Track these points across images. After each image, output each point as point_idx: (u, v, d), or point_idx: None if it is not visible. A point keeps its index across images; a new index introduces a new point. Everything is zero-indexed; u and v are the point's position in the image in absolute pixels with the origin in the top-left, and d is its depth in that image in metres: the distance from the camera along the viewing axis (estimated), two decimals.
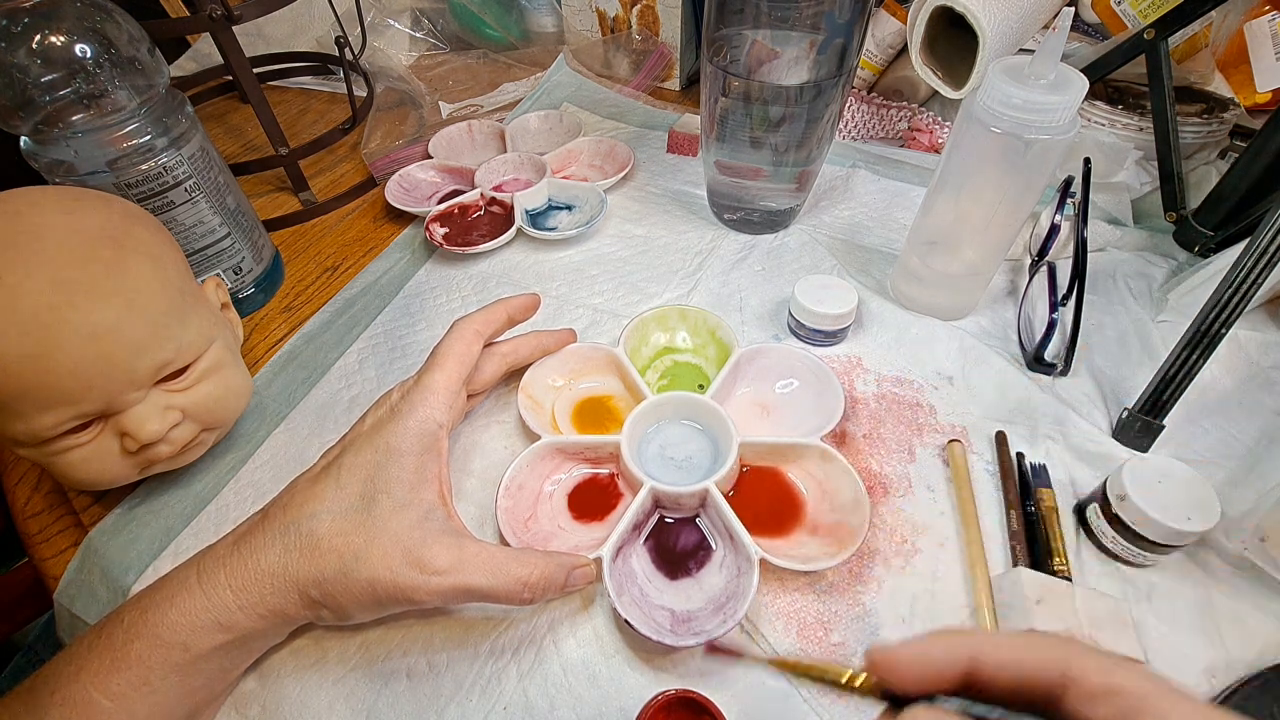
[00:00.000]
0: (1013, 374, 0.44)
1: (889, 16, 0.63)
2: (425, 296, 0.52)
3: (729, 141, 0.49)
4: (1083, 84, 0.35)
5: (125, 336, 0.32)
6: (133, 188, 0.42)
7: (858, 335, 0.47)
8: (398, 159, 0.63)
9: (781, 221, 0.55)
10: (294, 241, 0.58)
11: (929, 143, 0.62)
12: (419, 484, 0.32)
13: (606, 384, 0.44)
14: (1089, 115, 0.56)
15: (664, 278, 0.52)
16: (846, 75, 0.45)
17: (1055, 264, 0.47)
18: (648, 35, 0.74)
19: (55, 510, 0.41)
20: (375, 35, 0.78)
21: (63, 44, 0.38)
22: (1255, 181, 0.47)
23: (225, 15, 0.49)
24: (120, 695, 0.27)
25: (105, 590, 0.36)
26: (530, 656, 0.33)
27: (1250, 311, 0.39)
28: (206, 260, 0.48)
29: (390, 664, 0.33)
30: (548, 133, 0.66)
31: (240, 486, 0.40)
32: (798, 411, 0.41)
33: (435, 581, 0.30)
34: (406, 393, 0.35)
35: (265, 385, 0.46)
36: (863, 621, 0.34)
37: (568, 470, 0.40)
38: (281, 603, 0.30)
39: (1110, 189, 0.53)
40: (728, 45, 0.46)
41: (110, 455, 0.35)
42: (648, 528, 0.37)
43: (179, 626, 0.28)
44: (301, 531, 0.30)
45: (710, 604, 0.34)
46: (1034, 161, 0.38)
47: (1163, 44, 0.49)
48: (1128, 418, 0.40)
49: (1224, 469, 0.39)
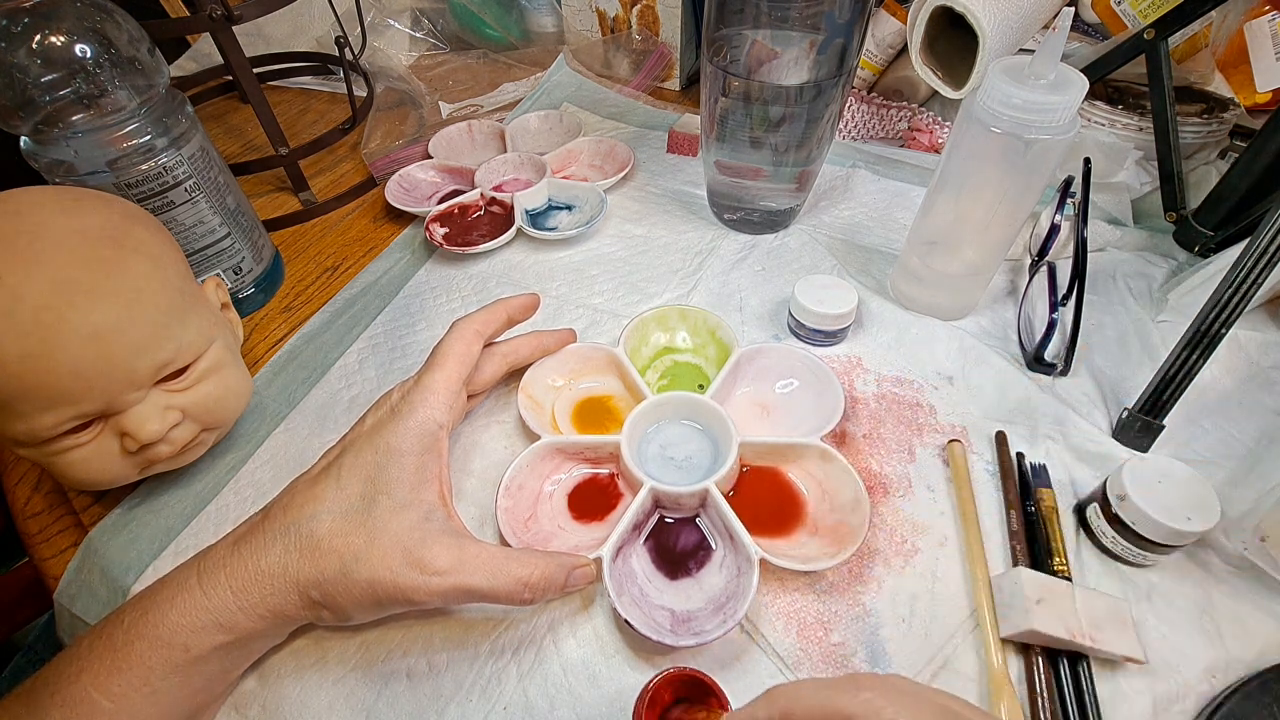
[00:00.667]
0: (1013, 374, 0.44)
1: (889, 16, 0.63)
2: (425, 296, 0.52)
3: (729, 141, 0.49)
4: (1083, 84, 0.35)
5: (125, 336, 0.32)
6: (133, 188, 0.42)
7: (858, 335, 0.47)
8: (398, 159, 0.63)
9: (781, 221, 0.55)
10: (294, 241, 0.58)
11: (929, 143, 0.62)
12: (419, 484, 0.32)
13: (607, 384, 0.44)
14: (1089, 115, 0.56)
15: (664, 278, 0.52)
16: (846, 75, 0.45)
17: (1055, 264, 0.47)
18: (648, 35, 0.74)
19: (55, 510, 0.41)
20: (375, 35, 0.78)
21: (63, 44, 0.38)
22: (1255, 181, 0.47)
23: (225, 15, 0.49)
24: (121, 696, 0.27)
25: (105, 590, 0.36)
26: (530, 656, 0.33)
27: (1250, 311, 0.39)
28: (206, 260, 0.48)
29: (390, 664, 0.33)
30: (548, 133, 0.66)
31: (240, 486, 0.40)
32: (798, 412, 0.41)
33: (435, 582, 0.30)
34: (407, 393, 0.35)
35: (265, 385, 0.46)
36: (863, 621, 0.34)
37: (568, 470, 0.40)
38: (282, 603, 0.30)
39: (1110, 189, 0.53)
40: (728, 45, 0.46)
41: (110, 455, 0.35)
42: (648, 528, 0.37)
43: (179, 627, 0.28)
44: (302, 532, 0.30)
45: (710, 604, 0.34)
46: (1034, 161, 0.38)
47: (1163, 44, 0.49)
48: (1128, 418, 0.40)
49: (1224, 469, 0.39)
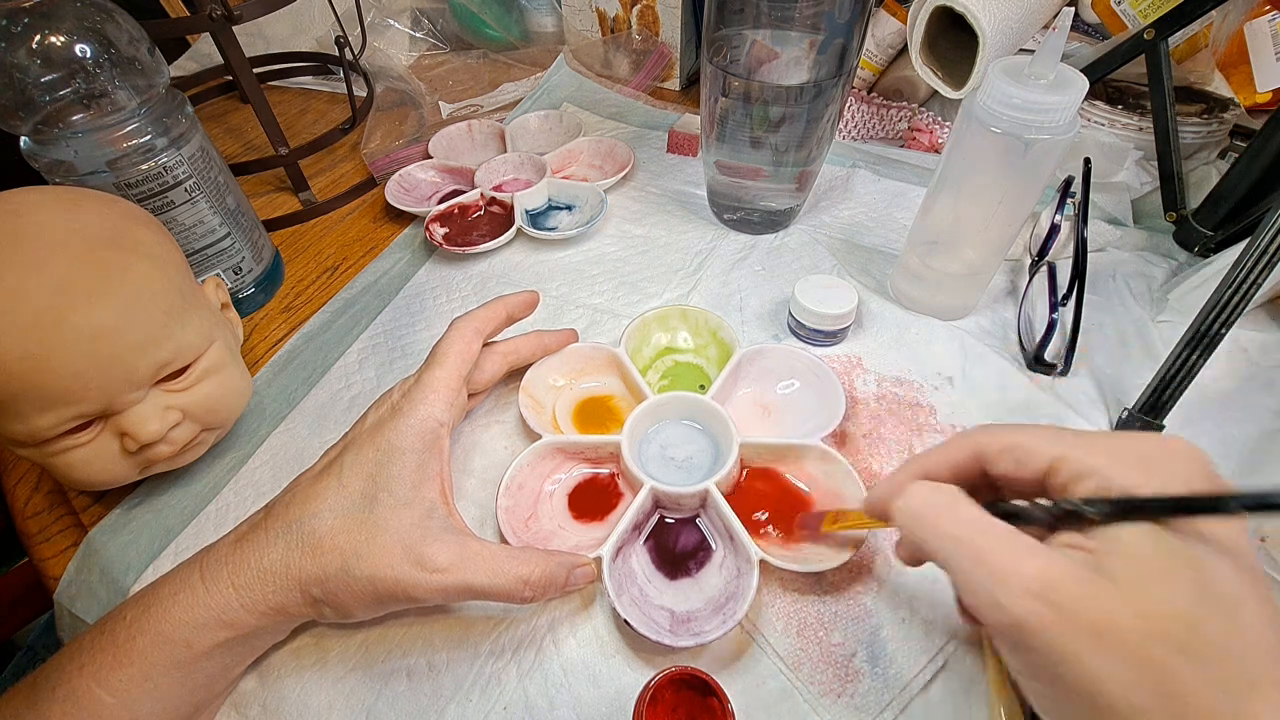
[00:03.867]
0: (1013, 374, 0.44)
1: (889, 16, 0.63)
2: (425, 296, 0.52)
3: (729, 141, 0.49)
4: (1083, 84, 0.35)
5: (125, 337, 0.33)
6: (133, 188, 0.42)
7: (858, 335, 0.47)
8: (398, 159, 0.63)
9: (781, 221, 0.55)
10: (294, 241, 0.58)
11: (929, 143, 0.62)
12: (420, 482, 0.32)
13: (607, 384, 0.44)
14: (1089, 115, 0.56)
15: (664, 278, 0.52)
16: (846, 75, 0.45)
17: (1055, 264, 0.47)
18: (648, 35, 0.74)
19: (55, 510, 0.41)
20: (375, 35, 0.78)
21: (63, 44, 0.38)
22: (1255, 181, 0.47)
23: (225, 15, 0.49)
24: (122, 691, 0.27)
25: (105, 590, 0.37)
26: (530, 656, 0.33)
27: (1250, 311, 0.39)
28: (206, 260, 0.48)
29: (390, 664, 0.33)
30: (548, 133, 0.66)
31: (240, 486, 0.40)
32: (799, 412, 0.41)
33: (436, 579, 0.30)
34: (407, 391, 0.35)
35: (265, 385, 0.46)
36: (863, 622, 0.34)
37: (568, 470, 0.40)
38: (284, 601, 0.30)
39: (1110, 189, 0.53)
40: (728, 45, 0.46)
41: (110, 455, 0.35)
42: (648, 528, 0.37)
43: (182, 623, 0.28)
44: (304, 530, 0.30)
45: (710, 604, 0.34)
46: (1034, 161, 0.38)
47: (1163, 44, 0.49)
48: (1128, 418, 0.40)
49: (1224, 469, 0.39)
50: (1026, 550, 0.22)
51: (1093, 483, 0.22)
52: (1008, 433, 0.25)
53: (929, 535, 0.24)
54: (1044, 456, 0.24)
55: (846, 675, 0.32)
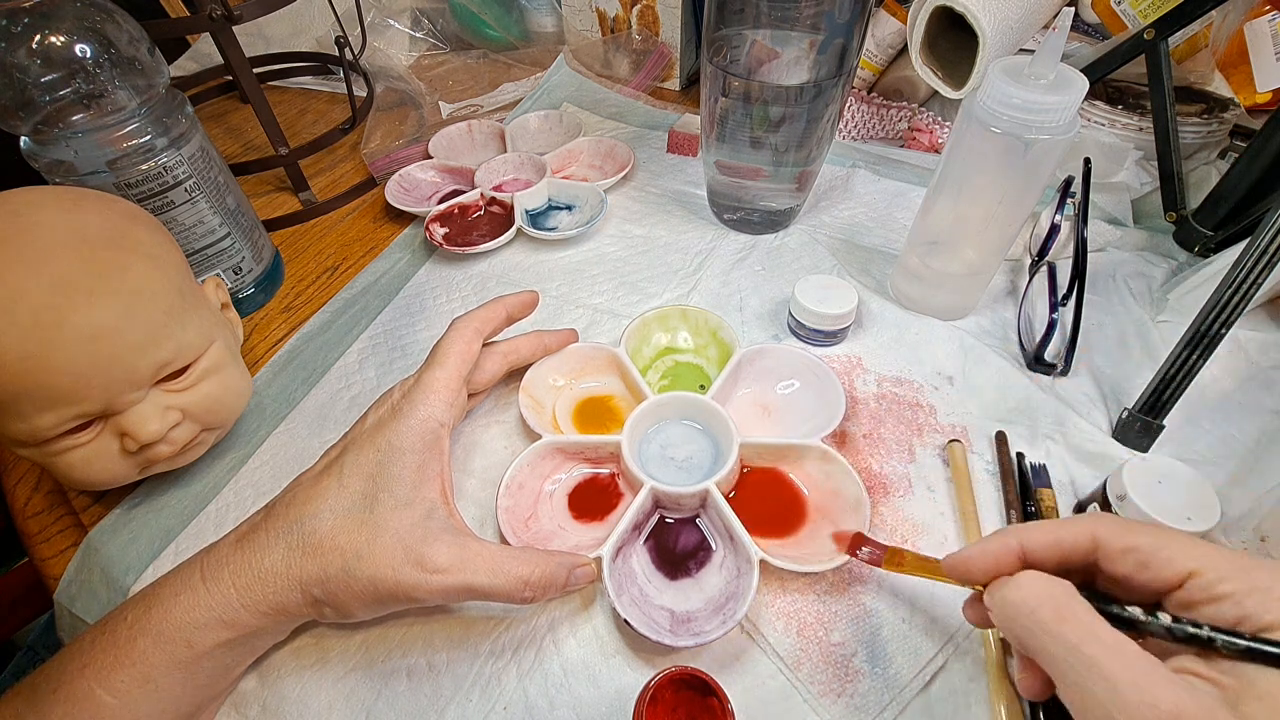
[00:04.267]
0: (1013, 374, 0.44)
1: (889, 16, 0.63)
2: (425, 296, 0.52)
3: (729, 141, 0.49)
4: (1083, 84, 0.35)
5: (125, 337, 0.33)
6: (133, 188, 0.42)
7: (858, 335, 0.47)
8: (398, 159, 0.63)
9: (781, 221, 0.55)
10: (294, 241, 0.58)
11: (929, 143, 0.62)
12: (421, 482, 0.32)
13: (608, 384, 0.44)
14: (1089, 115, 0.56)
15: (664, 278, 0.52)
16: (846, 75, 0.45)
17: (1055, 264, 0.47)
18: (648, 35, 0.74)
19: (55, 510, 0.41)
20: (375, 35, 0.78)
21: (63, 44, 0.38)
22: (1255, 181, 0.47)
23: (225, 15, 0.49)
24: (123, 691, 0.27)
25: (105, 590, 0.37)
26: (530, 656, 0.33)
27: (1250, 311, 0.39)
28: (206, 260, 0.48)
29: (390, 664, 0.33)
30: (548, 133, 0.66)
31: (240, 486, 0.40)
32: (799, 412, 0.41)
33: (437, 580, 0.30)
34: (407, 391, 0.35)
35: (265, 385, 0.46)
36: (863, 622, 0.34)
37: (568, 470, 0.40)
38: (285, 601, 0.30)
39: (1110, 189, 0.53)
40: (728, 45, 0.46)
41: (110, 455, 0.35)
42: (648, 528, 0.37)
43: (183, 623, 0.28)
44: (304, 531, 0.30)
45: (710, 604, 0.34)
46: (1034, 161, 0.38)
47: (1163, 44, 0.49)
48: (1128, 418, 0.40)
49: (1224, 469, 0.39)
50: (1162, 680, 0.20)
51: (1228, 610, 0.21)
52: (1135, 533, 0.24)
53: (1041, 637, 0.22)
54: (1178, 569, 0.22)
55: (846, 675, 0.32)
